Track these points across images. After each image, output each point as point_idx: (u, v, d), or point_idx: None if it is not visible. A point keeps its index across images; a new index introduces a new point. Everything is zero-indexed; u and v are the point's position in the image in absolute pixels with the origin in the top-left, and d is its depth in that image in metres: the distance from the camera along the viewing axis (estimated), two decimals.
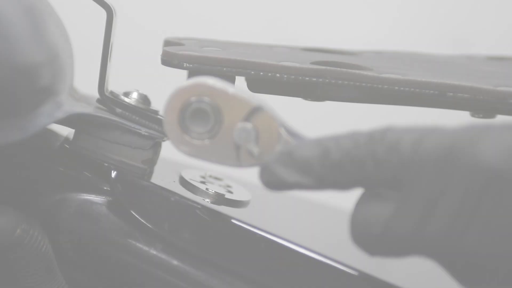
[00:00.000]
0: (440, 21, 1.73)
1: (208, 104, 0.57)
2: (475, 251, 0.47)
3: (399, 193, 0.49)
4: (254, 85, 0.71)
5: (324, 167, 0.51)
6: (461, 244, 0.48)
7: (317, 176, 0.52)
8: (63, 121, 0.66)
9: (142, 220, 0.63)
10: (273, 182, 0.54)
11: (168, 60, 0.62)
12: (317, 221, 0.96)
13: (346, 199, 0.56)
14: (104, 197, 0.65)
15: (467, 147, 0.47)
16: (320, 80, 0.60)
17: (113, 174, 0.65)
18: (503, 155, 0.46)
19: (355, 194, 0.54)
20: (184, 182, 0.73)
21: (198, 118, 0.57)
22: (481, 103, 0.59)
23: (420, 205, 0.48)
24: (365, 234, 0.51)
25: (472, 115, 0.69)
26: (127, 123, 0.68)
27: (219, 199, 0.72)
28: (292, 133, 0.56)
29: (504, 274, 0.47)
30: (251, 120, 0.56)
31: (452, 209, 0.48)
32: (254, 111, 0.56)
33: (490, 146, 0.47)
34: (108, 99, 0.70)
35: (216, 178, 0.78)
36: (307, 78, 0.60)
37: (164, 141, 0.69)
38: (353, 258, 0.61)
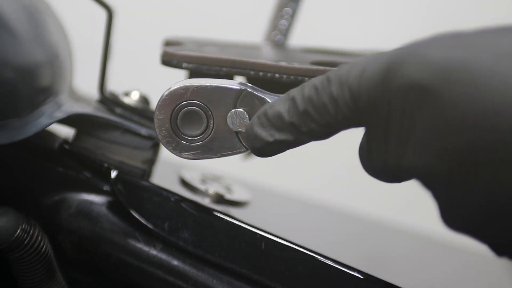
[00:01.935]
0: (440, 19, 1.73)
1: (194, 104, 0.57)
2: (417, 170, 0.49)
3: (365, 129, 0.52)
4: (254, 85, 0.71)
5: (294, 117, 0.53)
6: (406, 166, 0.49)
7: (292, 128, 0.54)
8: (63, 121, 0.66)
9: (142, 220, 0.63)
10: (258, 146, 0.55)
11: (168, 60, 0.62)
12: (317, 221, 0.96)
13: (346, 199, 0.56)
14: (104, 197, 0.65)
15: (397, 67, 0.49)
16: None
17: (113, 174, 0.65)
18: (425, 70, 0.47)
19: (354, 196, 0.54)
20: (184, 182, 0.73)
21: (190, 122, 0.57)
22: None
23: (378, 136, 0.50)
24: (361, 163, 0.53)
25: None
26: (127, 123, 0.68)
27: (219, 199, 0.72)
28: None
29: (442, 186, 0.48)
30: (239, 104, 0.57)
31: (395, 131, 0.49)
32: (239, 95, 0.57)
33: (415, 64, 0.48)
34: (108, 99, 0.70)
35: (216, 178, 0.78)
36: (306, 79, 0.61)
37: None
38: (353, 258, 0.61)
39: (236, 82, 0.57)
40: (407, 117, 0.48)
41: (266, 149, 0.56)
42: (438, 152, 0.47)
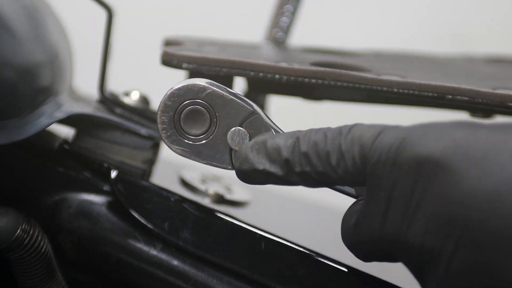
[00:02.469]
0: (440, 19, 1.73)
1: (204, 106, 0.57)
2: (420, 245, 0.48)
3: (366, 191, 0.51)
4: (254, 85, 0.71)
5: (292, 155, 0.53)
6: (408, 238, 0.49)
7: (285, 164, 0.53)
8: (63, 121, 0.66)
9: (142, 220, 0.63)
10: (244, 169, 0.55)
11: (168, 60, 0.62)
12: (316, 221, 0.96)
13: (346, 199, 0.56)
14: (104, 197, 0.65)
15: (415, 140, 0.49)
16: (319, 81, 0.60)
17: (113, 174, 0.65)
18: (443, 147, 0.47)
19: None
20: (184, 182, 0.73)
21: (192, 120, 0.57)
22: (479, 105, 0.59)
23: (380, 200, 0.50)
24: (343, 227, 0.53)
25: (471, 116, 0.69)
26: (127, 123, 0.68)
27: (219, 199, 0.72)
28: None
29: (444, 270, 0.47)
30: (245, 124, 0.57)
31: (403, 200, 0.49)
32: (250, 116, 0.57)
33: (433, 139, 0.48)
34: (108, 99, 0.70)
35: (216, 178, 0.78)
36: (306, 80, 0.61)
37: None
38: (353, 258, 0.61)
39: (252, 103, 0.57)
40: (419, 186, 0.48)
41: (251, 175, 0.55)
42: (449, 224, 0.47)
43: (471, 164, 0.46)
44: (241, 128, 0.57)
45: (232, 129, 0.57)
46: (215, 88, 0.57)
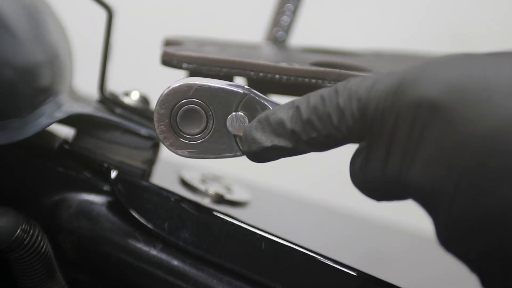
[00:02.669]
0: (440, 19, 1.73)
1: (196, 103, 0.57)
2: (421, 185, 0.48)
3: (367, 139, 0.51)
4: (254, 85, 0.71)
5: (296, 125, 0.53)
6: (409, 180, 0.49)
7: (292, 136, 0.54)
8: (63, 121, 0.66)
9: (142, 220, 0.63)
10: (254, 150, 0.55)
11: (168, 60, 0.62)
12: (316, 221, 0.96)
13: (346, 199, 0.56)
14: (104, 197, 0.65)
15: (410, 83, 0.49)
16: (319, 81, 0.61)
17: (113, 174, 0.65)
18: (440, 88, 0.47)
19: (353, 196, 0.54)
20: (184, 182, 0.73)
21: (189, 120, 0.57)
22: None
23: (380, 147, 0.50)
24: (351, 169, 0.53)
25: None
26: (127, 123, 0.68)
27: (219, 199, 0.72)
28: None
29: (444, 204, 0.48)
30: (241, 108, 0.57)
31: (402, 144, 0.49)
32: (242, 99, 0.57)
33: (429, 80, 0.48)
34: (108, 99, 0.70)
35: (216, 178, 0.78)
36: (306, 80, 0.61)
37: None
38: (353, 258, 0.61)
39: (240, 86, 0.57)
40: (417, 131, 0.48)
41: (261, 154, 0.55)
42: (447, 167, 0.47)
43: (467, 106, 0.46)
44: (237, 113, 0.57)
45: (229, 116, 0.57)
46: (200, 83, 0.57)
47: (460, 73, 0.47)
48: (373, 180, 0.51)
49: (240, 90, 0.57)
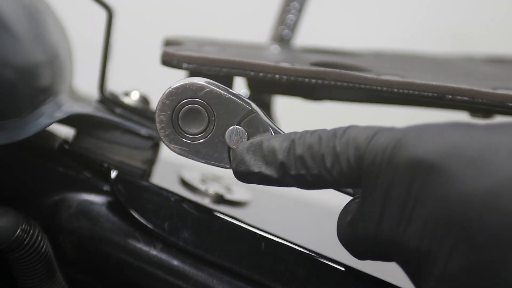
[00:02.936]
0: (440, 19, 1.73)
1: (202, 105, 0.57)
2: (417, 247, 0.48)
3: (361, 191, 0.51)
4: (254, 85, 0.71)
5: (287, 158, 0.53)
6: (404, 239, 0.49)
7: (280, 167, 0.54)
8: (63, 121, 0.66)
9: (142, 220, 0.63)
10: (241, 170, 0.55)
11: (168, 60, 0.62)
12: (316, 221, 0.96)
13: (346, 199, 0.56)
14: (104, 197, 0.65)
15: (410, 141, 0.49)
16: (320, 81, 0.60)
17: (113, 174, 0.65)
18: (438, 149, 0.47)
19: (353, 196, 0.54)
20: (184, 182, 0.73)
21: (190, 119, 0.57)
22: (479, 105, 0.59)
23: (375, 201, 0.50)
24: (339, 225, 0.53)
25: (471, 116, 0.69)
26: (127, 123, 0.68)
27: (219, 199, 0.72)
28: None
29: (440, 272, 0.47)
30: (243, 123, 0.57)
31: (399, 201, 0.49)
32: (247, 115, 0.57)
33: (428, 141, 0.48)
34: (108, 99, 0.70)
35: (216, 178, 0.78)
36: (306, 80, 0.60)
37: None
38: (353, 258, 0.61)
39: (250, 102, 0.57)
40: (415, 188, 0.48)
41: (247, 176, 0.55)
42: (446, 225, 0.47)
43: (467, 164, 0.46)
44: (239, 127, 0.57)
45: (230, 128, 0.57)
46: (213, 87, 0.57)
47: (462, 134, 0.48)
48: (363, 238, 0.51)
49: (249, 107, 0.57)
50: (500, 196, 0.45)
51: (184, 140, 0.58)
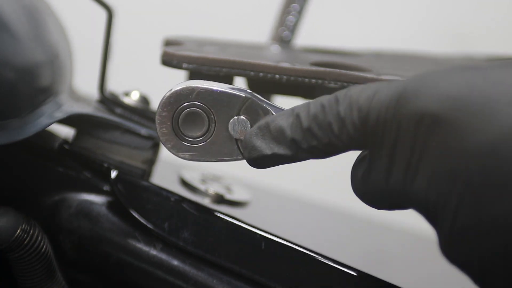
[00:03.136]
0: (440, 19, 1.73)
1: (198, 106, 0.57)
2: (424, 198, 0.48)
3: (369, 149, 0.51)
4: (254, 85, 0.71)
5: (296, 133, 0.53)
6: (412, 193, 0.49)
7: (292, 144, 0.54)
8: (63, 121, 0.66)
9: (142, 220, 0.63)
10: (254, 157, 0.55)
11: (168, 60, 0.62)
12: (316, 221, 0.96)
13: (346, 199, 0.56)
14: (104, 197, 0.65)
15: (412, 94, 0.48)
16: (320, 81, 0.60)
17: (113, 174, 0.65)
18: (441, 101, 0.47)
19: (353, 196, 0.54)
20: (184, 182, 0.73)
21: (191, 123, 0.57)
22: None
23: (383, 158, 0.50)
24: (352, 178, 0.53)
25: None
26: (127, 123, 0.68)
27: (219, 199, 0.72)
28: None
29: (449, 215, 0.47)
30: (243, 112, 0.57)
31: (405, 156, 0.49)
32: (244, 103, 0.57)
33: (430, 92, 0.48)
34: (108, 99, 0.70)
35: (216, 178, 0.78)
36: (306, 80, 0.61)
37: None
38: (353, 258, 0.61)
39: (243, 90, 0.57)
40: (420, 142, 0.48)
41: (262, 161, 0.55)
42: (451, 178, 0.47)
43: (469, 117, 0.46)
44: (239, 116, 0.57)
45: (231, 120, 0.57)
46: (203, 86, 0.57)
47: (461, 83, 0.47)
48: (376, 190, 0.51)
49: (242, 94, 0.57)
50: (502, 148, 0.45)
51: (191, 145, 0.58)
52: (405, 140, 0.49)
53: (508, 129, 0.45)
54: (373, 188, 0.51)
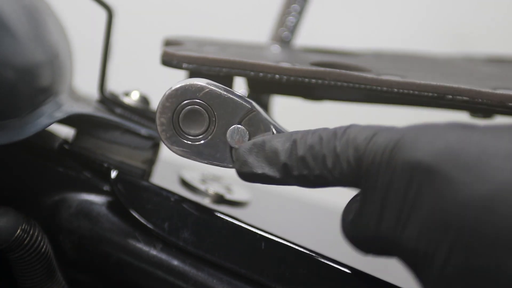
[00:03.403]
0: (440, 19, 1.73)
1: (202, 106, 0.57)
2: (415, 246, 0.48)
3: (361, 191, 0.52)
4: (254, 85, 0.71)
5: (290, 159, 0.54)
6: (402, 240, 0.49)
7: (283, 168, 0.54)
8: (63, 121, 0.66)
9: (142, 220, 0.63)
10: (244, 171, 0.56)
11: (168, 60, 0.62)
12: (316, 221, 0.96)
13: (346, 199, 0.56)
14: (104, 197, 0.65)
15: (408, 143, 0.49)
16: (320, 81, 0.60)
17: (113, 174, 0.65)
18: (435, 152, 0.47)
19: (353, 196, 0.54)
20: (184, 182, 0.73)
21: (191, 120, 0.57)
22: (479, 105, 0.59)
23: (375, 202, 0.50)
24: (342, 222, 0.54)
25: (471, 116, 0.69)
26: (127, 123, 0.68)
27: (219, 199, 0.72)
28: (280, 132, 0.57)
29: (438, 274, 0.47)
30: (244, 122, 0.57)
31: (397, 202, 0.49)
32: (248, 114, 0.57)
33: (426, 143, 0.48)
34: (108, 99, 0.70)
35: (216, 178, 0.78)
36: (306, 80, 0.60)
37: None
38: (353, 258, 0.61)
39: (249, 101, 0.57)
40: (413, 190, 0.48)
41: (250, 177, 0.56)
42: (443, 229, 0.47)
43: (464, 169, 0.46)
44: (240, 126, 0.57)
45: (231, 128, 0.57)
46: (212, 87, 0.57)
47: (459, 137, 0.48)
48: (366, 235, 0.51)
49: (249, 105, 0.57)
50: (496, 202, 0.45)
51: (186, 141, 0.58)
52: (398, 186, 0.49)
53: (503, 184, 0.45)
54: (363, 233, 0.51)
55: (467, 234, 0.46)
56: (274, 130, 0.57)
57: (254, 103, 0.57)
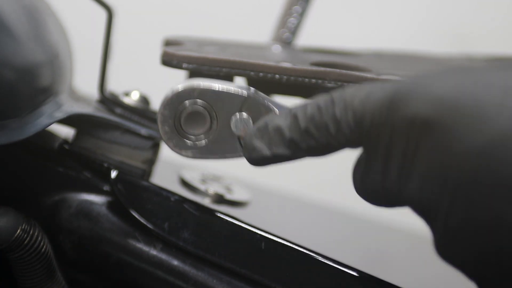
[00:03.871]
0: (440, 19, 1.73)
1: (200, 105, 0.57)
2: (418, 199, 0.49)
3: (365, 150, 0.52)
4: (254, 86, 0.71)
5: (295, 134, 0.54)
6: (407, 193, 0.50)
7: (291, 144, 0.54)
8: (63, 121, 0.66)
9: (142, 220, 0.63)
10: (255, 157, 0.56)
11: (168, 60, 0.62)
12: (316, 221, 0.96)
13: (346, 199, 0.56)
14: (104, 197, 0.65)
15: (403, 98, 0.49)
16: (320, 81, 0.61)
17: (113, 174, 0.65)
18: (432, 104, 0.48)
19: (353, 196, 0.55)
20: (184, 182, 0.73)
21: (193, 121, 0.58)
22: None
23: (378, 160, 0.51)
24: (353, 177, 0.54)
25: None
26: (127, 123, 0.68)
27: (219, 199, 0.72)
28: (281, 110, 0.58)
29: (442, 216, 0.48)
30: (244, 109, 0.57)
31: (398, 158, 0.50)
32: (245, 101, 0.57)
33: (421, 96, 0.48)
34: (108, 99, 0.70)
35: (216, 178, 0.78)
36: (306, 80, 0.61)
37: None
38: (353, 258, 0.61)
39: (244, 87, 0.58)
40: (412, 144, 0.49)
41: (262, 161, 0.56)
42: (442, 182, 0.47)
43: (459, 121, 0.47)
44: (241, 114, 0.57)
45: (233, 118, 0.57)
46: (204, 85, 0.57)
47: (452, 88, 0.48)
48: (374, 190, 0.52)
49: (244, 92, 0.57)
50: (493, 152, 0.45)
51: (193, 143, 0.58)
52: (398, 143, 0.49)
53: (497, 135, 0.45)
54: (372, 188, 0.52)
55: (467, 183, 0.46)
56: (275, 109, 0.57)
57: (248, 89, 0.57)
